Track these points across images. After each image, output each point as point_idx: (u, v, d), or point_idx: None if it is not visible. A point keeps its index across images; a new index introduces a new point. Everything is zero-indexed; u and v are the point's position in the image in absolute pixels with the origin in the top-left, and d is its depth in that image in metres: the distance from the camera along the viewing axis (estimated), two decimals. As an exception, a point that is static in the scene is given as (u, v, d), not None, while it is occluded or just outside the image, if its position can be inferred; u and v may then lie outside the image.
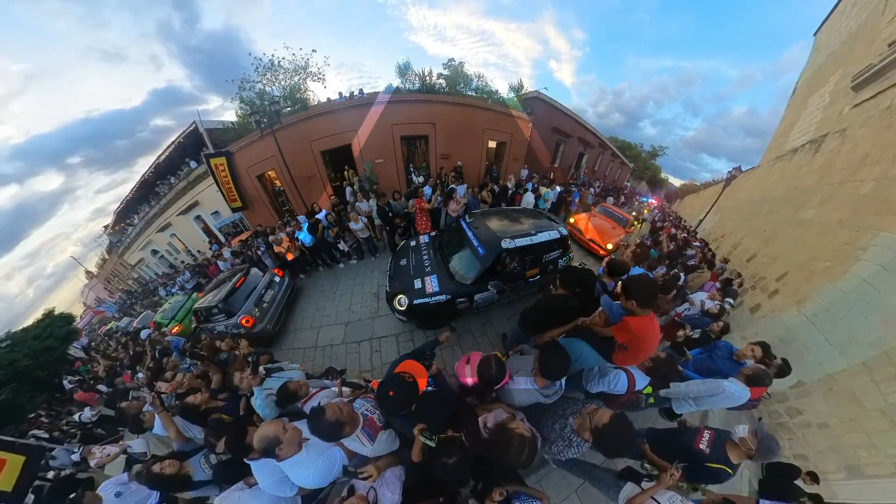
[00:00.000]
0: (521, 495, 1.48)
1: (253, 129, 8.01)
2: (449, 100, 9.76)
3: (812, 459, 3.43)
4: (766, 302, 4.75)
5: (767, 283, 4.94)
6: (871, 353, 3.11)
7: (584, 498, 2.55)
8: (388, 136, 9.31)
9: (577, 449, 1.55)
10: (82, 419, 4.73)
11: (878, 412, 2.97)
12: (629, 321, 1.77)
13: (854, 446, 3.11)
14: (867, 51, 6.36)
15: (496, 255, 3.38)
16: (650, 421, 3.20)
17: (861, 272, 3.38)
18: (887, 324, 3.03)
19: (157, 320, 6.64)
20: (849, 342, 3.33)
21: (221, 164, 7.95)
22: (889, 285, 3.10)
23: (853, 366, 3.23)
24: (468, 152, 10.46)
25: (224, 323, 4.36)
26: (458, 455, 1.25)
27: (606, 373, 1.89)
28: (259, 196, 9.35)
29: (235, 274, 4.97)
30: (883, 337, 3.04)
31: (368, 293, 5.07)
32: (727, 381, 2.21)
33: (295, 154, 8.40)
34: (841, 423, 3.09)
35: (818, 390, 3.50)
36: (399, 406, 1.35)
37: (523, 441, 1.28)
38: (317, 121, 8.53)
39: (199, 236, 11.49)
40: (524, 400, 1.74)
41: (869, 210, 3.74)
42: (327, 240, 5.68)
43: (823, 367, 3.48)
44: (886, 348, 2.99)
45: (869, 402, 3.05)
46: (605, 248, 6.37)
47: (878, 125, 4.39)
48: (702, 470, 1.70)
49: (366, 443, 1.47)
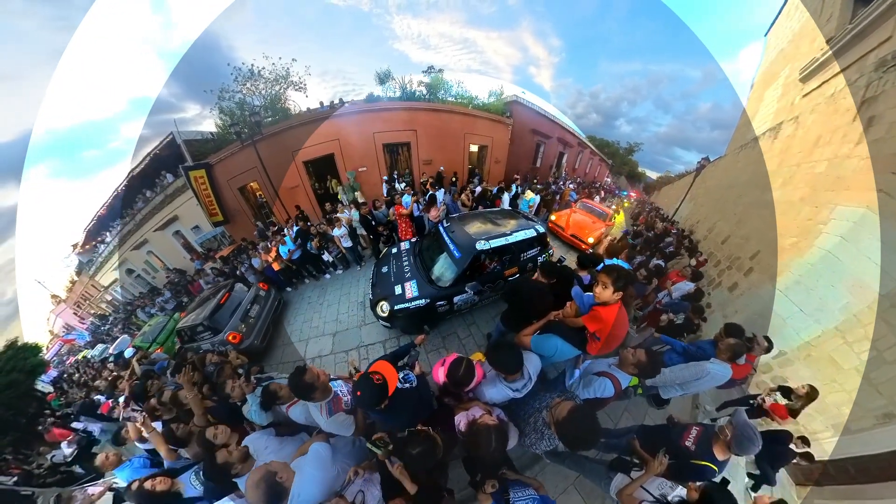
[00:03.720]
0: (517, 484, 1.49)
1: (233, 140, 7.88)
2: (429, 106, 9.96)
3: (801, 422, 3.54)
4: (743, 280, 4.97)
5: (742, 262, 5.18)
6: (841, 317, 3.29)
7: (581, 491, 2.57)
8: (371, 144, 9.38)
9: (548, 441, 1.55)
10: (54, 461, 4.35)
11: (854, 371, 3.13)
12: (599, 310, 1.87)
13: (837, 405, 3.25)
14: (810, 47, 6.96)
15: (472, 257, 3.44)
16: (642, 409, 3.27)
17: (824, 244, 3.60)
18: (852, 289, 3.23)
19: (137, 344, 6.24)
20: (820, 310, 3.51)
21: (201, 177, 7.73)
22: (849, 253, 3.32)
23: (827, 331, 3.40)
24: (450, 157, 10.64)
25: (210, 340, 4.22)
26: (422, 446, 1.31)
27: (590, 383, 1.89)
28: (241, 209, 9.15)
29: (219, 290, 4.84)
30: (850, 301, 3.23)
31: (355, 302, 5.05)
32: (709, 362, 2.26)
33: (277, 165, 8.31)
34: (823, 385, 3.21)
35: (798, 357, 3.66)
36: (367, 404, 1.46)
37: (489, 430, 1.33)
38: (299, 131, 8.50)
39: (179, 253, 11.04)
40: (496, 396, 1.78)
41: (825, 187, 4.02)
42: (310, 251, 5.62)
43: (801, 336, 3.64)
44: (854, 311, 3.17)
45: (845, 362, 3.21)
46: (587, 242, 6.57)
47: (825, 111, 4.76)
48: (686, 467, 1.69)
49: (324, 414, 1.65)
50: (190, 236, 10.49)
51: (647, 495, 1.51)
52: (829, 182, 3.98)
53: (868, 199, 3.20)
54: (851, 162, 3.67)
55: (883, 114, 3.41)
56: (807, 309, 3.66)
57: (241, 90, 8.21)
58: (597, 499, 2.52)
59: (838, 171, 3.88)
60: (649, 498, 1.50)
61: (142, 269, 12.76)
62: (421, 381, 1.85)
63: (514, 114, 12.01)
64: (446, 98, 10.55)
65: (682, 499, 1.45)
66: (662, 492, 1.50)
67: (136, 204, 10.72)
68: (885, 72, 3.53)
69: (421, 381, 1.85)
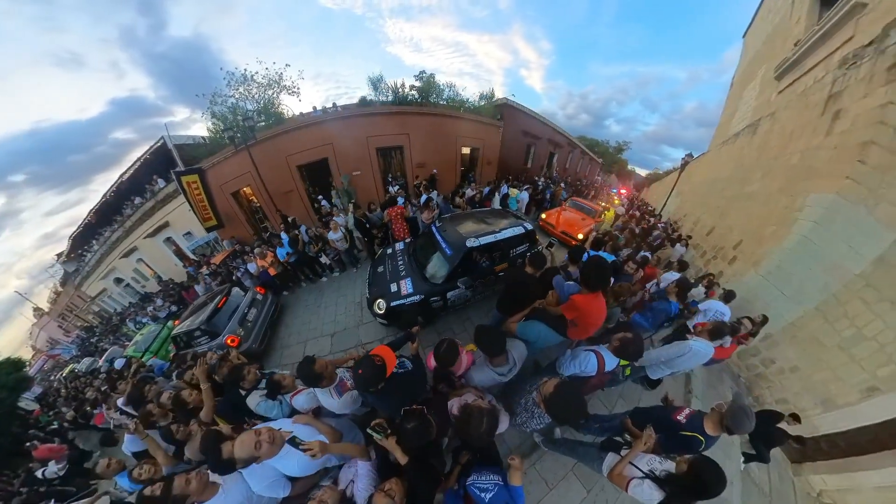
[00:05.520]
0: (485, 469, 1.52)
1: (226, 145, 7.83)
2: (422, 110, 10.08)
3: (791, 401, 3.71)
4: (728, 268, 5.18)
5: (726, 251, 5.40)
6: (820, 297, 3.47)
7: (581, 476, 2.63)
8: (364, 149, 9.44)
9: (538, 420, 1.61)
10: (46, 475, 4.21)
11: (836, 348, 3.30)
12: (575, 298, 2.02)
13: (824, 382, 3.42)
14: (783, 47, 7.37)
15: (463, 254, 3.57)
16: (636, 395, 3.35)
17: (801, 230, 3.80)
18: (828, 270, 3.42)
19: (130, 354, 6.10)
20: (801, 292, 3.70)
21: (194, 182, 7.64)
22: (823, 237, 3.52)
23: (808, 312, 3.59)
24: (443, 160, 10.78)
25: (208, 345, 4.19)
26: (416, 422, 1.38)
27: (577, 355, 1.98)
28: (235, 214, 9.08)
29: (215, 296, 4.81)
30: (827, 282, 3.42)
31: (352, 303, 5.09)
32: (692, 340, 2.36)
33: (271, 169, 8.28)
34: (809, 364, 3.38)
35: (784, 339, 3.82)
36: (367, 382, 1.50)
37: (481, 412, 1.38)
38: (292, 135, 8.51)
39: (171, 260, 10.85)
40: (484, 380, 1.85)
41: (799, 177, 4.25)
42: (308, 254, 5.64)
43: (785, 318, 3.82)
44: (832, 291, 3.36)
45: (828, 340, 3.39)
46: (577, 238, 6.76)
47: (797, 106, 5.04)
48: (675, 438, 1.74)
49: (334, 396, 1.77)
50: (182, 242, 10.34)
51: (636, 472, 1.55)
52: (802, 172, 4.22)
53: (838, 186, 3.42)
54: (822, 153, 3.91)
55: (848, 107, 3.66)
56: (788, 292, 3.85)
57: (233, 94, 8.15)
58: (596, 482, 2.60)
59: (810, 161, 4.12)
60: (638, 474, 1.54)
61: (131, 277, 12.48)
62: (416, 363, 1.93)
63: (504, 116, 12.26)
64: (438, 101, 10.71)
65: (669, 472, 1.48)
66: (651, 467, 1.54)
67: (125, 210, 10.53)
68: (849, 69, 3.79)
69: (416, 363, 1.93)
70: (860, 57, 3.60)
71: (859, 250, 3.18)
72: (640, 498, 1.49)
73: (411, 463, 1.40)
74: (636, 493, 1.50)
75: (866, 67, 3.45)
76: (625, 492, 1.54)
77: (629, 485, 1.52)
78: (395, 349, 1.71)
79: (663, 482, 1.45)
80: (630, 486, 1.52)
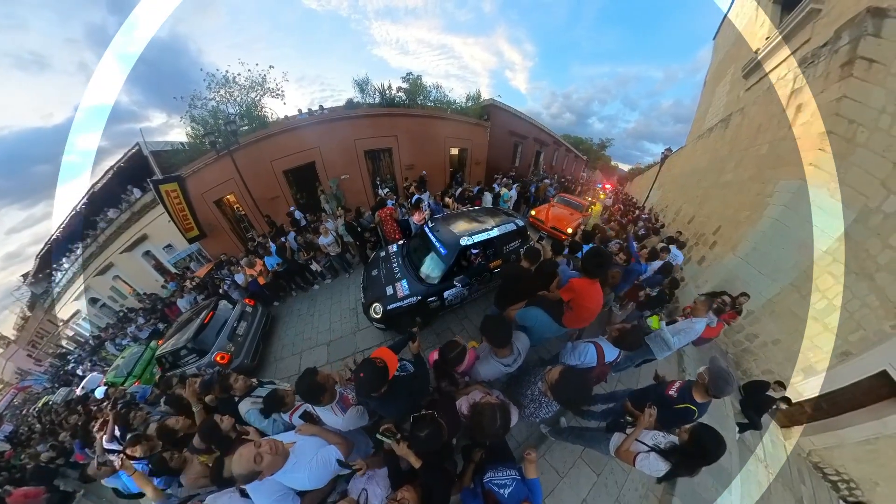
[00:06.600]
0: (500, 465, 1.50)
1: (207, 151, 7.54)
2: (409, 112, 10.11)
3: (776, 371, 3.98)
4: (709, 253, 5.48)
5: (707, 237, 5.71)
6: (794, 274, 3.75)
7: (590, 462, 2.71)
8: (352, 151, 9.36)
9: (546, 409, 1.64)
10: None
11: (812, 319, 3.60)
12: (573, 281, 2.15)
13: (803, 350, 3.71)
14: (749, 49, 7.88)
15: (457, 253, 3.59)
16: (633, 377, 3.46)
17: (772, 214, 4.08)
18: (799, 248, 3.69)
19: (110, 380, 5.69)
20: (776, 270, 3.98)
21: (174, 191, 7.29)
22: (792, 219, 3.81)
23: (784, 288, 3.87)
24: (432, 161, 10.82)
25: (196, 364, 3.97)
26: (429, 428, 1.34)
27: (577, 346, 2.07)
28: (218, 223, 8.75)
29: (201, 310, 4.55)
30: (799, 260, 3.69)
31: (347, 309, 4.95)
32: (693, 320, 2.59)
33: (255, 175, 8.08)
34: (788, 336, 3.65)
35: (764, 314, 4.10)
36: (369, 387, 1.44)
37: (493, 409, 1.37)
38: (277, 139, 8.33)
39: (151, 275, 10.33)
40: (490, 372, 1.87)
41: (768, 166, 4.57)
42: (298, 262, 5.48)
43: (763, 295, 4.08)
44: (803, 267, 3.64)
45: (803, 312, 3.68)
46: (566, 232, 6.95)
47: (764, 101, 5.40)
48: (670, 412, 1.86)
49: (338, 413, 1.63)
50: (162, 256, 9.88)
51: (642, 447, 1.63)
52: (771, 161, 4.53)
53: (802, 172, 3.71)
54: (787, 143, 4.22)
55: (808, 102, 3.98)
56: (764, 271, 4.12)
57: (214, 97, 7.81)
58: (605, 465, 2.69)
59: (777, 151, 4.44)
60: (644, 448, 1.61)
61: (108, 296, 11.78)
62: (418, 364, 1.89)
63: (491, 116, 12.45)
64: (426, 103, 10.75)
65: (672, 443, 1.57)
66: (655, 442, 1.62)
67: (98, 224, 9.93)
68: (807, 67, 4.12)
69: (418, 364, 1.89)
70: (817, 56, 3.91)
71: (825, 229, 3.46)
72: (647, 470, 1.55)
73: (425, 467, 1.38)
74: (643, 466, 1.56)
75: (822, 66, 3.77)
76: (632, 466, 1.61)
77: (636, 459, 1.59)
78: (396, 351, 1.67)
79: (668, 453, 1.53)
80: (637, 460, 1.58)
